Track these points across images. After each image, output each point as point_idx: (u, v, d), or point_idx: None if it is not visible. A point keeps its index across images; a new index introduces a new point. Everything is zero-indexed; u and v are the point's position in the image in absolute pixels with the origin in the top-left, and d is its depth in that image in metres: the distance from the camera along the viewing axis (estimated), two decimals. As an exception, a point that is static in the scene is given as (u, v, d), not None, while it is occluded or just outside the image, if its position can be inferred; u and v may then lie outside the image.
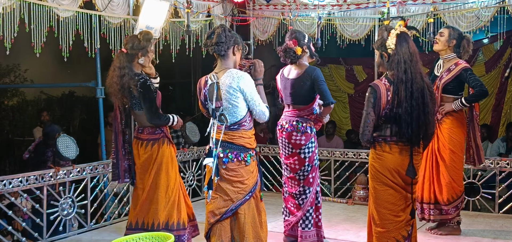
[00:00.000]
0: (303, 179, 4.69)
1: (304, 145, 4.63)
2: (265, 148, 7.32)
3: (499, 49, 9.10)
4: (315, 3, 6.92)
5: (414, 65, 3.60)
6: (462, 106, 5.00)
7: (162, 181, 4.52)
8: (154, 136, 4.55)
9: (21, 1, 4.89)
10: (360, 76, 10.52)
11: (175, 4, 6.35)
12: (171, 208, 4.53)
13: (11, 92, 10.30)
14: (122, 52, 4.55)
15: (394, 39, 3.65)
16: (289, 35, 4.73)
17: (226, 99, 3.72)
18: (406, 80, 3.57)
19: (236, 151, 3.75)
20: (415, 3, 6.49)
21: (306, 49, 4.69)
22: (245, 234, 3.75)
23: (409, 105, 3.55)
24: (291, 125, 4.65)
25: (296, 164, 4.69)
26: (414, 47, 3.66)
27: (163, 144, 4.55)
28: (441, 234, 5.19)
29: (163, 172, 4.53)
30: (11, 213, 5.10)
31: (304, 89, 4.60)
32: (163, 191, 4.52)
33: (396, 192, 3.68)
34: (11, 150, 9.87)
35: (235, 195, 3.75)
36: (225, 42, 3.76)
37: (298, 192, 4.72)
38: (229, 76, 3.72)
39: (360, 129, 3.69)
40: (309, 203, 4.70)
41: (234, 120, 3.76)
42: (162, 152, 4.53)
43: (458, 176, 5.12)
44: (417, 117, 3.57)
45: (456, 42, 5.06)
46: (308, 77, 4.58)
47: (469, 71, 4.95)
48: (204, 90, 3.82)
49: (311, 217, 4.72)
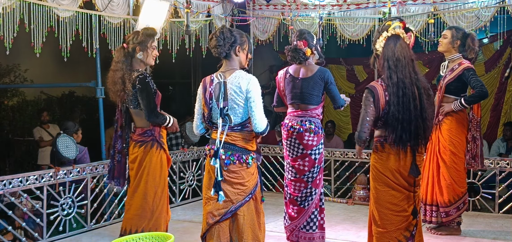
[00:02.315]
0: (311, 181, 4.65)
1: (316, 146, 4.60)
2: (265, 148, 7.32)
3: (499, 49, 9.10)
4: (315, 3, 6.93)
5: (400, 69, 3.56)
6: (461, 106, 4.99)
7: (149, 188, 4.42)
8: (143, 138, 4.44)
9: (21, 1, 4.89)
10: (361, 76, 10.52)
11: (175, 4, 6.35)
12: (159, 217, 4.46)
13: (11, 92, 10.30)
14: (122, 47, 4.50)
15: (382, 42, 3.64)
16: (298, 35, 4.67)
17: (232, 99, 3.71)
18: (391, 84, 3.55)
19: (238, 153, 3.74)
20: (415, 3, 6.49)
21: (314, 50, 4.68)
22: (244, 236, 3.74)
23: (396, 109, 3.53)
24: (303, 125, 4.59)
25: (305, 165, 4.63)
26: (403, 50, 3.59)
27: (152, 148, 4.43)
28: (441, 234, 5.19)
29: (150, 179, 4.42)
30: (11, 213, 5.10)
31: (316, 89, 4.58)
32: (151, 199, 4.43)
33: (398, 192, 3.66)
34: (11, 150, 9.87)
35: (235, 196, 3.74)
36: (224, 44, 3.75)
37: (304, 195, 4.66)
38: (238, 77, 3.72)
39: (358, 128, 3.67)
40: (314, 205, 4.67)
41: (238, 121, 3.75)
42: (149, 156, 4.42)
43: (460, 177, 5.10)
44: (407, 121, 3.53)
45: (461, 42, 5.04)
46: (320, 78, 4.58)
47: (471, 71, 4.93)
48: (209, 88, 3.78)
49: (316, 219, 4.70)
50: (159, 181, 4.47)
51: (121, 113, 4.58)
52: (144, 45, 4.42)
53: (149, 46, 4.44)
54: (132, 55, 4.45)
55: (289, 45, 4.71)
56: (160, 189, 4.47)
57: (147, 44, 4.43)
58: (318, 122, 4.65)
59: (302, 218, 4.68)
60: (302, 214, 4.67)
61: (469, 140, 5.06)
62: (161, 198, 4.48)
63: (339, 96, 4.67)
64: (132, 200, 4.49)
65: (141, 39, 4.41)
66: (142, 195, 4.44)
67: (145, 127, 4.46)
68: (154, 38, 4.51)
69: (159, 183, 4.47)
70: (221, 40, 3.75)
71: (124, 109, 4.56)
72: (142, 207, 4.43)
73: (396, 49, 3.59)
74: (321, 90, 4.61)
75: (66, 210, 5.37)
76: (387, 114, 3.57)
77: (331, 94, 4.62)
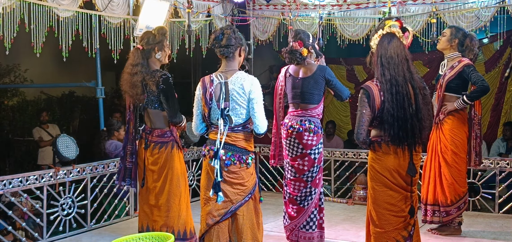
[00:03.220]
0: (311, 180, 4.65)
1: (315, 146, 4.61)
2: (265, 148, 7.32)
3: (499, 49, 9.10)
4: (315, 3, 6.92)
5: (393, 67, 3.55)
6: (464, 104, 4.98)
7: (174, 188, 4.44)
8: (164, 139, 4.45)
9: (21, 1, 4.89)
10: (361, 76, 10.52)
11: (175, 4, 6.34)
12: (187, 215, 4.50)
13: (11, 92, 10.30)
14: (137, 48, 4.47)
15: (377, 40, 3.65)
16: (293, 36, 4.68)
17: (234, 100, 3.72)
18: (384, 81, 3.55)
19: (238, 154, 3.75)
20: (415, 3, 6.49)
21: (311, 49, 4.68)
22: (243, 236, 3.75)
23: (390, 106, 3.52)
24: (303, 125, 4.59)
25: (305, 165, 4.63)
26: (397, 48, 3.59)
27: (173, 148, 4.46)
28: (441, 234, 5.19)
29: (175, 178, 4.45)
30: (11, 213, 5.10)
31: (316, 88, 4.59)
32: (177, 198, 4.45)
33: (396, 192, 3.66)
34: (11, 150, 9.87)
35: (235, 196, 3.74)
36: (235, 45, 3.78)
37: (303, 194, 4.66)
38: (240, 78, 3.74)
39: (355, 129, 3.67)
40: (313, 205, 4.68)
41: (239, 121, 3.75)
42: (172, 156, 4.44)
43: (461, 176, 5.10)
44: (403, 119, 3.53)
45: (459, 41, 5.04)
46: (321, 76, 4.58)
47: (471, 67, 4.92)
48: (210, 89, 3.77)
49: (316, 218, 4.70)
50: (182, 180, 4.51)
51: (133, 114, 4.57)
52: (162, 45, 4.46)
53: (165, 46, 4.49)
54: (148, 55, 4.44)
55: (286, 47, 4.73)
56: (183, 187, 4.51)
57: (164, 43, 4.47)
58: (317, 122, 4.65)
59: (302, 217, 4.68)
60: (302, 213, 4.67)
61: (473, 138, 5.07)
62: (186, 198, 4.53)
63: (342, 88, 4.70)
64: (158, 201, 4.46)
65: (159, 39, 4.44)
66: (168, 195, 4.44)
67: (164, 128, 4.47)
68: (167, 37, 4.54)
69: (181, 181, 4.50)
70: (233, 40, 3.76)
71: (140, 110, 4.55)
72: (170, 208, 4.43)
73: (390, 47, 3.59)
74: (322, 88, 4.61)
75: (66, 210, 5.37)
76: (382, 112, 3.57)
77: (335, 88, 4.63)
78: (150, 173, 4.49)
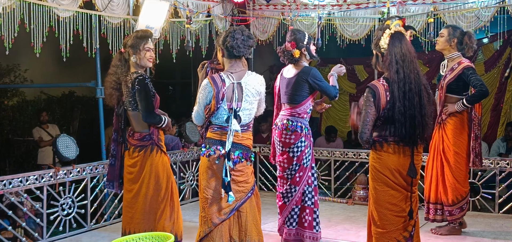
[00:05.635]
0: (290, 178, 4.73)
1: (293, 144, 4.66)
2: (265, 148, 7.31)
3: (499, 48, 9.11)
4: (315, 3, 6.92)
5: (407, 65, 3.58)
6: (463, 107, 4.99)
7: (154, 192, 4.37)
8: (143, 142, 4.39)
9: (21, 1, 4.89)
10: (361, 76, 10.54)
11: (175, 4, 6.34)
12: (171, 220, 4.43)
13: (11, 92, 10.31)
14: (120, 51, 4.51)
15: (387, 39, 3.65)
16: (289, 35, 4.74)
17: (247, 101, 3.76)
18: (398, 80, 3.56)
19: (245, 152, 3.82)
20: (415, 3, 6.49)
21: (305, 51, 4.70)
22: (248, 232, 3.78)
23: (402, 105, 3.54)
24: (282, 123, 4.70)
25: (284, 162, 4.74)
26: (408, 46, 3.63)
27: (152, 152, 4.39)
28: (441, 234, 5.19)
29: (154, 182, 4.37)
30: (11, 213, 5.10)
31: (298, 88, 4.65)
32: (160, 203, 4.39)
33: (397, 192, 3.67)
34: (11, 150, 9.87)
35: (239, 194, 3.78)
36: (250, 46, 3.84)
37: (285, 191, 4.78)
38: (254, 78, 3.82)
39: (359, 128, 3.67)
40: (294, 202, 4.75)
41: (247, 121, 3.82)
42: (150, 161, 4.37)
43: (463, 177, 5.10)
44: (412, 117, 3.55)
45: (458, 40, 5.04)
46: (304, 77, 4.64)
47: (470, 70, 4.92)
48: (223, 89, 3.72)
49: (296, 216, 4.77)
50: (162, 184, 4.41)
51: (117, 117, 4.55)
52: (136, 48, 4.36)
53: (141, 49, 4.35)
54: (128, 58, 4.42)
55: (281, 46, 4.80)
56: (163, 191, 4.41)
57: (139, 46, 4.35)
58: (301, 121, 4.69)
59: (284, 213, 4.81)
60: (284, 209, 4.81)
61: (472, 139, 5.07)
62: (172, 203, 4.46)
63: (329, 88, 4.71)
64: (135, 204, 4.43)
65: (132, 42, 4.37)
66: (144, 199, 4.39)
67: (144, 131, 4.41)
68: (147, 39, 4.40)
69: (162, 186, 4.41)
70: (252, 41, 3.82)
71: (120, 112, 4.52)
72: (145, 211, 4.39)
73: (402, 45, 3.61)
74: (304, 90, 4.65)
75: (66, 210, 5.37)
76: (389, 111, 3.57)
77: (321, 89, 4.68)
78: (128, 176, 4.47)
